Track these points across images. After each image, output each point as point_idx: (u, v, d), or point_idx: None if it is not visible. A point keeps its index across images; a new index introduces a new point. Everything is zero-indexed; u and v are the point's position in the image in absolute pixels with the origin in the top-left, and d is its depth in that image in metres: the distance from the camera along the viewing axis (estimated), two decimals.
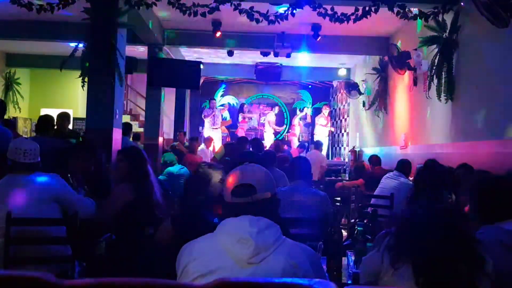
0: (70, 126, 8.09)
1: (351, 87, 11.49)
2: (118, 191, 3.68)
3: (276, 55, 10.10)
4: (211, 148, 10.76)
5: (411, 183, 4.54)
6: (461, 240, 1.78)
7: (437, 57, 6.65)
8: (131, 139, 9.08)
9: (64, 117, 6.65)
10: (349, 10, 6.59)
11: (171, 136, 12.82)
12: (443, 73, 6.60)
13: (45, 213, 3.28)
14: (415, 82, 7.89)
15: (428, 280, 1.72)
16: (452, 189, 2.24)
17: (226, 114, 15.37)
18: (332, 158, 14.17)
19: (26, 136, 9.28)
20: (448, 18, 6.60)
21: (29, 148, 3.39)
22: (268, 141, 13.54)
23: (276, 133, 15.17)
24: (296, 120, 14.88)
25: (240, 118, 14.91)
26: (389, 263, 1.81)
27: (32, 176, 3.36)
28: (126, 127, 8.57)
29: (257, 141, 7.56)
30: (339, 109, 14.69)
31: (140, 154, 3.83)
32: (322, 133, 13.78)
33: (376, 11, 6.37)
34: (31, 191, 3.31)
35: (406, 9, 6.43)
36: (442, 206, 1.90)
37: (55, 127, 6.08)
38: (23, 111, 13.50)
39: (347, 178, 9.86)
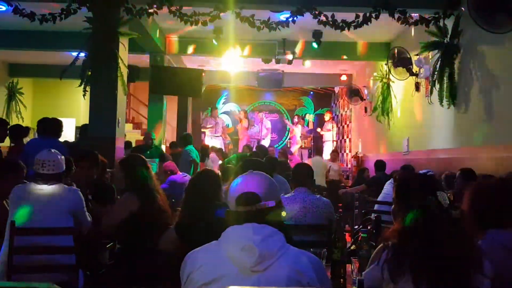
0: (72, 134, 8.16)
1: (353, 93, 11.49)
2: (122, 199, 3.69)
3: (277, 62, 10.12)
4: None
5: None
6: (456, 244, 1.78)
7: (439, 62, 6.65)
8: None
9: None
10: (349, 16, 6.61)
11: None
12: (444, 78, 6.59)
13: (59, 224, 3.33)
14: (417, 88, 7.89)
15: None
16: (443, 189, 2.21)
17: (228, 121, 15.37)
18: None
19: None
20: (449, 23, 6.61)
21: (48, 159, 3.46)
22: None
23: (277, 140, 15.14)
24: (298, 130, 14.83)
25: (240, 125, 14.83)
26: (389, 277, 1.81)
27: (49, 187, 3.41)
28: (182, 139, 8.94)
29: (261, 148, 7.54)
30: (341, 115, 14.69)
31: (136, 162, 3.78)
32: (328, 137, 13.85)
33: (377, 18, 6.38)
34: (45, 201, 3.36)
35: (407, 15, 6.44)
36: (430, 213, 1.90)
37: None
38: (26, 121, 13.52)
39: (350, 184, 9.85)
